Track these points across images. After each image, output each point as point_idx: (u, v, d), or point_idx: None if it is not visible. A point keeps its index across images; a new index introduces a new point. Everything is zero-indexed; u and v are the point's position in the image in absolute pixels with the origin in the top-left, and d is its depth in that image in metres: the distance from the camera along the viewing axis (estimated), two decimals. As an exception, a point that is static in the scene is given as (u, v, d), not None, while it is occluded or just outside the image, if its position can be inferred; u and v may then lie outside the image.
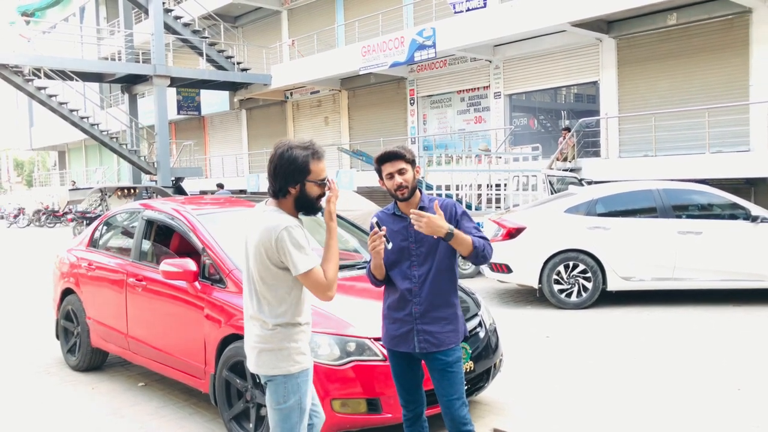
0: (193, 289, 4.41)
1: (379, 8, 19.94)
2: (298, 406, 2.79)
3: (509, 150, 15.80)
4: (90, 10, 33.54)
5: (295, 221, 2.76)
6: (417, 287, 3.09)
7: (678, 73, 14.18)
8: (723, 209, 8.26)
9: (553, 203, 8.70)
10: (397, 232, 3.13)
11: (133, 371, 5.71)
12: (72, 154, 42.19)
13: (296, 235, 2.69)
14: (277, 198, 2.79)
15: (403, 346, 3.14)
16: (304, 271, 2.67)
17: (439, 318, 3.10)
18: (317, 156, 2.76)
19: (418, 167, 3.17)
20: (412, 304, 3.09)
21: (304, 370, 2.81)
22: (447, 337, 3.10)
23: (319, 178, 2.76)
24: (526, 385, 5.12)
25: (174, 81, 21.86)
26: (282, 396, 2.78)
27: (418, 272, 3.09)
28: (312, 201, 2.80)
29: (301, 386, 2.79)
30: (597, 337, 6.67)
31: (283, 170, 2.72)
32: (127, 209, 6.14)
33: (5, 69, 18.74)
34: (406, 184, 3.06)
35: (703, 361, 5.66)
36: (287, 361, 2.76)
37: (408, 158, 3.08)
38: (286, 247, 2.66)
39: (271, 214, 2.76)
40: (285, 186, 2.74)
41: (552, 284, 8.04)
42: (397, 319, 3.15)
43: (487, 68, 17.94)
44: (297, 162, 2.71)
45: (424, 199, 3.15)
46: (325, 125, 23.80)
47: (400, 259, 3.13)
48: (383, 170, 3.08)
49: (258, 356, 2.79)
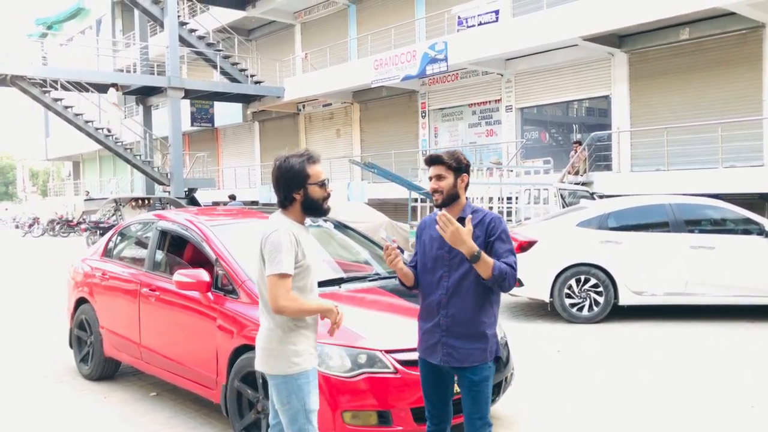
0: (205, 300, 4.45)
1: (392, 22, 20.07)
2: (302, 408, 2.85)
3: (521, 163, 15.81)
4: (106, 23, 33.95)
5: (293, 226, 2.88)
6: (446, 299, 3.02)
7: (690, 87, 14.15)
8: (736, 224, 8.21)
9: (565, 217, 8.68)
10: (436, 239, 3.06)
11: (146, 381, 5.74)
12: (86, 164, 42.59)
13: (282, 238, 2.79)
14: (285, 207, 2.93)
15: (431, 356, 3.09)
16: (269, 273, 2.78)
17: (465, 334, 3.01)
18: (312, 160, 2.92)
19: (465, 176, 3.08)
20: (440, 316, 3.04)
21: (304, 372, 2.86)
22: (471, 354, 3.01)
23: (318, 179, 2.91)
24: (537, 400, 5.10)
25: (188, 93, 22.08)
26: (285, 397, 2.86)
27: (448, 283, 3.03)
28: (318, 202, 2.93)
29: (303, 387, 2.85)
30: (608, 352, 6.63)
31: (284, 179, 2.89)
32: (141, 220, 6.19)
33: (23, 80, 19.00)
34: (440, 189, 3.03)
35: (715, 378, 5.62)
36: (284, 362, 2.85)
37: (450, 165, 3.03)
38: (268, 246, 2.80)
39: (274, 219, 2.91)
40: (289, 193, 2.89)
41: (563, 298, 8.01)
42: (426, 330, 3.11)
43: (498, 82, 17.98)
44: (295, 169, 2.88)
45: (466, 209, 3.08)
46: (337, 137, 23.90)
47: (435, 267, 3.07)
48: (429, 172, 3.11)
49: (261, 355, 2.92)
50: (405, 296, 4.59)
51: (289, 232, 2.82)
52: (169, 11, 20.61)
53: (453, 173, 3.04)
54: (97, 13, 35.14)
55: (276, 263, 2.76)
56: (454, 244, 2.86)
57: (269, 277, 2.78)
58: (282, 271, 2.76)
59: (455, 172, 3.04)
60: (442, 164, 3.04)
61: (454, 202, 3.06)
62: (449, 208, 3.06)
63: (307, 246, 2.90)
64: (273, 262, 2.77)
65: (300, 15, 24.71)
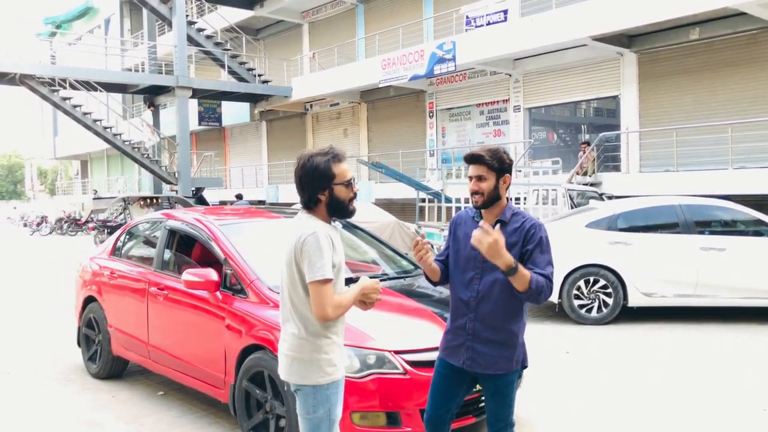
0: (214, 299, 4.43)
1: (400, 22, 20.05)
2: (327, 417, 2.77)
3: (529, 164, 15.75)
4: (114, 22, 34.09)
5: (328, 227, 2.75)
6: (475, 302, 2.90)
7: (701, 88, 14.06)
8: (747, 226, 8.15)
9: (574, 218, 8.64)
10: (471, 239, 2.85)
11: (153, 380, 5.73)
12: (94, 163, 42.78)
13: (322, 242, 2.65)
14: (309, 208, 2.79)
15: (453, 358, 2.99)
16: (312, 279, 2.63)
17: (492, 340, 2.89)
18: (338, 159, 2.76)
19: (507, 176, 2.91)
20: (468, 319, 2.92)
21: (335, 382, 2.78)
22: (497, 361, 2.89)
23: (344, 179, 2.76)
24: (547, 401, 5.07)
25: (196, 92, 22.13)
26: (311, 406, 2.76)
27: (479, 286, 2.90)
28: (343, 203, 2.78)
29: (330, 398, 2.77)
30: (617, 353, 6.59)
31: (308, 179, 2.74)
32: (149, 219, 6.20)
33: (32, 80, 19.09)
34: (480, 191, 2.87)
35: (726, 380, 5.57)
36: (317, 372, 2.74)
37: (492, 165, 2.85)
38: (307, 251, 2.64)
39: (306, 220, 2.76)
40: (314, 194, 2.74)
41: (572, 299, 7.96)
42: (450, 330, 3.02)
43: (506, 82, 17.93)
44: (320, 168, 2.72)
45: (506, 212, 2.91)
46: (345, 137, 23.90)
47: (467, 268, 2.94)
48: (469, 170, 2.93)
49: (290, 365, 2.78)
50: (414, 297, 4.58)
51: (327, 235, 2.69)
52: (178, 11, 20.68)
53: (495, 174, 2.87)
54: (105, 13, 35.30)
55: (318, 268, 2.61)
56: (490, 257, 2.68)
57: (312, 283, 2.62)
58: (326, 277, 2.62)
59: (497, 173, 2.87)
60: (483, 164, 2.86)
61: (494, 204, 2.91)
62: (489, 209, 2.92)
63: (339, 246, 2.80)
64: (315, 268, 2.62)
65: (308, 15, 24.72)
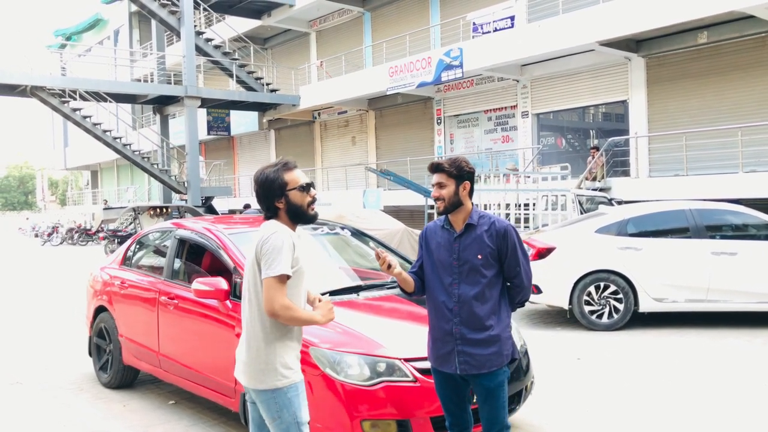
0: (224, 308, 4.44)
1: (406, 29, 20.11)
2: (294, 421, 2.79)
3: (537, 169, 15.72)
4: (124, 34, 34.38)
5: (291, 232, 2.83)
6: (457, 306, 3.01)
7: (709, 91, 14.01)
8: (758, 230, 8.08)
9: (584, 223, 8.60)
10: (443, 246, 3.07)
11: (164, 389, 5.75)
12: (104, 173, 43.05)
13: (283, 241, 2.73)
14: (270, 218, 2.89)
15: (445, 366, 3.08)
16: (266, 275, 2.70)
17: (480, 340, 3.01)
18: (287, 167, 2.89)
19: (467, 183, 3.06)
20: (453, 324, 3.03)
21: (293, 384, 2.80)
22: (488, 359, 3.01)
23: (297, 184, 2.86)
24: (558, 408, 5.04)
25: (204, 102, 22.26)
26: (275, 411, 2.78)
27: (458, 291, 3.02)
28: (301, 208, 2.87)
29: (293, 401, 2.79)
30: (629, 359, 6.54)
31: (263, 191, 2.87)
32: (159, 228, 6.22)
33: (42, 91, 19.26)
34: (442, 197, 3.04)
35: (738, 387, 5.51)
36: (273, 375, 2.77)
37: (451, 172, 3.03)
38: (267, 249, 2.73)
39: (269, 224, 2.86)
40: (271, 204, 2.86)
41: (583, 305, 7.92)
42: (437, 339, 3.10)
43: (514, 88, 17.93)
44: (269, 178, 2.85)
45: (473, 215, 3.07)
46: (353, 145, 23.95)
47: (444, 274, 3.05)
48: (432, 179, 3.11)
49: (246, 370, 2.83)
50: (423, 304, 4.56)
51: (288, 234, 2.78)
52: (186, 21, 20.83)
53: (455, 181, 3.04)
54: (114, 24, 35.61)
55: (275, 265, 2.69)
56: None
57: (267, 279, 2.69)
58: (281, 273, 2.69)
59: (456, 180, 3.04)
60: (443, 172, 3.04)
61: (457, 209, 3.06)
62: (454, 214, 3.07)
63: (301, 252, 2.85)
64: (272, 264, 2.69)
65: (315, 23, 24.85)
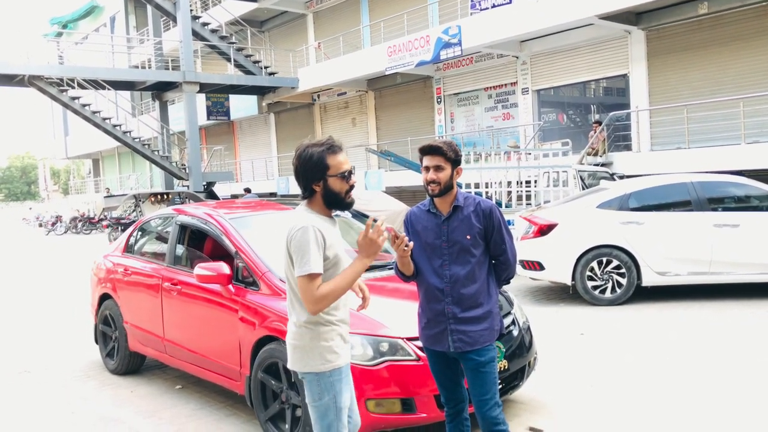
0: (227, 292, 4.47)
1: (404, 8, 19.92)
2: (333, 405, 2.80)
3: (539, 146, 15.66)
4: (120, 20, 34.18)
5: (317, 221, 2.74)
6: (449, 287, 3.07)
7: (710, 63, 13.88)
8: (761, 201, 8.06)
9: (585, 199, 8.59)
10: (430, 230, 3.11)
11: (171, 374, 5.80)
12: (106, 161, 43.04)
13: (309, 236, 2.67)
14: (306, 198, 2.82)
15: (438, 345, 3.13)
16: (299, 274, 2.67)
17: (472, 318, 3.07)
18: (332, 150, 2.76)
19: (460, 168, 3.12)
20: (445, 304, 3.08)
21: (337, 369, 2.80)
22: (481, 335, 3.07)
23: (339, 171, 2.77)
24: (562, 383, 5.07)
25: (203, 87, 22.15)
26: (316, 393, 2.80)
27: (449, 272, 3.07)
28: (338, 195, 2.80)
29: (335, 385, 2.79)
30: (632, 334, 6.57)
31: (303, 170, 2.77)
32: (160, 215, 6.23)
33: (40, 80, 19.18)
34: (438, 181, 3.04)
35: (742, 359, 5.54)
36: (317, 359, 2.77)
37: (449, 156, 3.05)
38: (294, 246, 2.69)
39: (298, 214, 2.80)
40: (309, 185, 2.77)
41: (585, 281, 7.94)
42: (430, 319, 3.14)
43: (514, 64, 17.80)
44: (313, 159, 2.74)
45: (459, 197, 3.11)
46: (353, 126, 23.86)
47: (432, 256, 3.10)
48: (423, 161, 3.09)
49: (292, 353, 2.84)
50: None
51: (314, 229, 2.69)
52: (182, 6, 20.67)
53: (451, 165, 3.06)
54: (110, 11, 35.38)
55: (305, 264, 2.64)
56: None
57: (300, 278, 2.67)
58: (312, 272, 2.65)
59: (453, 164, 3.07)
60: (441, 155, 3.04)
61: (448, 193, 3.09)
62: (443, 198, 3.09)
63: (334, 240, 2.80)
64: (302, 263, 2.65)
65: (312, 4, 24.63)
